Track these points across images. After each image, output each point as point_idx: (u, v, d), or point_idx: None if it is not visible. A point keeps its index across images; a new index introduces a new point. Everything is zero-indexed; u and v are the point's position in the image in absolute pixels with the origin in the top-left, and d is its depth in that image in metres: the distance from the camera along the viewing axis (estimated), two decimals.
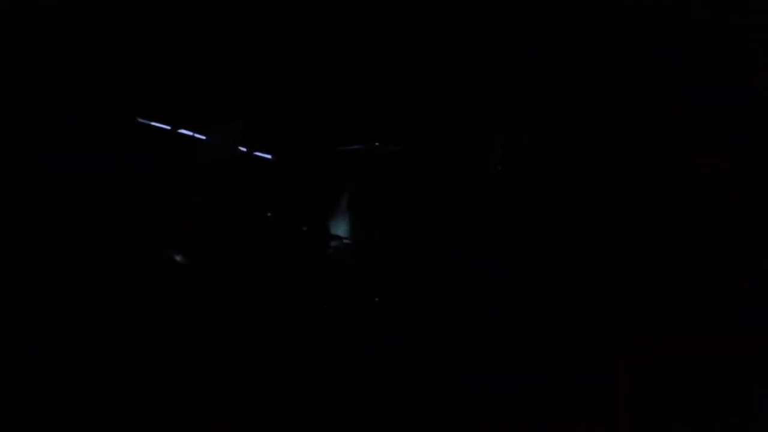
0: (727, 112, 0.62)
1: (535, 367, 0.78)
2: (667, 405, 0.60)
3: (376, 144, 1.34)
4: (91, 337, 0.82)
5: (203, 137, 1.12)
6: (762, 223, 0.63)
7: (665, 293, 0.69)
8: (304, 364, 0.85)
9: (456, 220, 1.19)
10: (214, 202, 1.03)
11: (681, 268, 0.70)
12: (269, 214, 1.19)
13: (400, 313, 0.98)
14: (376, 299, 0.98)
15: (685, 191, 0.75)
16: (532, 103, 0.74)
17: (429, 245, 1.12)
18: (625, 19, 0.65)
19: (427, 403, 0.78)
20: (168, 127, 1.12)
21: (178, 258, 0.95)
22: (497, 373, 0.81)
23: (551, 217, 0.89)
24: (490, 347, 0.86)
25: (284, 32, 0.85)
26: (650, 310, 0.70)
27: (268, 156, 1.15)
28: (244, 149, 1.02)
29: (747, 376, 0.56)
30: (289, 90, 1.04)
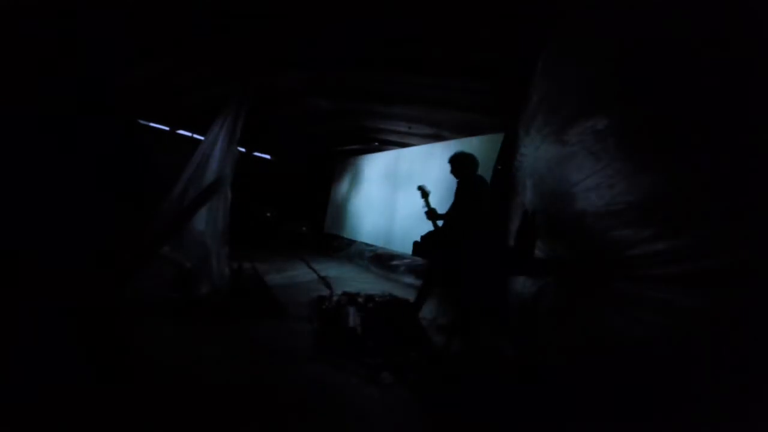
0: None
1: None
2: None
3: (375, 143, 1.32)
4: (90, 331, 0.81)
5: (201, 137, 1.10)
6: None
7: None
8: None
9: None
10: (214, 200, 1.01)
11: None
12: (268, 214, 1.18)
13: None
14: (377, 299, 0.97)
15: None
16: None
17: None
18: None
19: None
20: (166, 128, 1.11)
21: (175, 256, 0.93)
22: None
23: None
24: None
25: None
26: None
27: (267, 156, 1.14)
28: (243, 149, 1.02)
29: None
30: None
